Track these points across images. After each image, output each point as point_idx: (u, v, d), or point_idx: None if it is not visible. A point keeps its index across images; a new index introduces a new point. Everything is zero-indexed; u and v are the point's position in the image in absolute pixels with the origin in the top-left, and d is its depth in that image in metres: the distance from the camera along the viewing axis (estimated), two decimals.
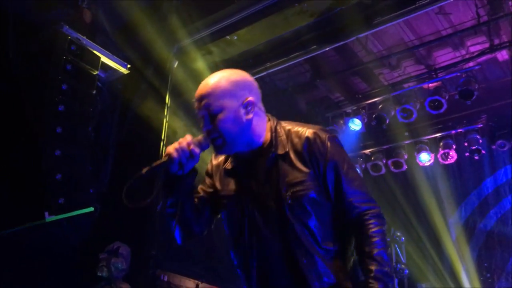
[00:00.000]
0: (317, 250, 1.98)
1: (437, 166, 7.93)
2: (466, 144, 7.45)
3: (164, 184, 2.07)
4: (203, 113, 2.04)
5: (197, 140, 2.02)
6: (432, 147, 7.77)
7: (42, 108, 4.55)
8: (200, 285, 5.60)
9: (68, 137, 4.55)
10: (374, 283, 1.86)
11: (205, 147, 2.04)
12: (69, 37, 4.76)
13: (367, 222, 1.98)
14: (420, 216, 8.13)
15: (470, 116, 7.58)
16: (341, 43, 6.16)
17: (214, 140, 2.05)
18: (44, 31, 4.81)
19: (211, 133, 2.04)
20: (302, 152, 2.05)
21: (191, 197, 2.18)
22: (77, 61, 4.79)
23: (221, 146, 2.06)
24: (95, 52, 5.06)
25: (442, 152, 7.62)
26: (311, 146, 2.04)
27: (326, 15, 5.59)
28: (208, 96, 2.03)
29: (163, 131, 5.96)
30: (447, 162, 7.72)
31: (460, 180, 8.17)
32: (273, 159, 2.07)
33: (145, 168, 1.93)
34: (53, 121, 4.49)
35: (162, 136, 5.93)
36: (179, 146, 1.99)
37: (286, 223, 1.99)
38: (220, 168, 2.25)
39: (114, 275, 4.51)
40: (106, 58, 5.23)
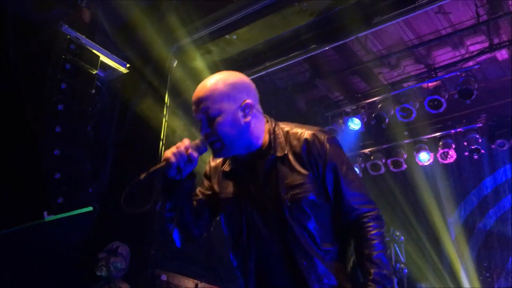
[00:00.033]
0: (317, 252, 1.98)
1: (437, 165, 7.92)
2: (465, 144, 7.46)
3: (162, 188, 2.05)
4: (201, 116, 2.03)
5: (195, 144, 2.00)
6: (432, 146, 7.76)
7: (41, 107, 4.55)
8: (200, 285, 5.60)
9: (67, 136, 4.55)
10: (373, 286, 1.87)
11: (203, 150, 2.02)
12: (68, 37, 4.76)
13: (366, 225, 1.98)
14: (420, 215, 8.13)
15: (470, 116, 7.58)
16: (340, 43, 6.16)
17: (212, 144, 2.03)
18: (43, 30, 4.81)
19: (209, 136, 2.02)
20: (301, 154, 2.04)
21: (190, 201, 2.16)
22: (76, 60, 4.79)
23: (219, 150, 2.05)
24: (94, 51, 5.06)
25: (441, 151, 7.62)
26: (310, 148, 2.03)
27: (326, 14, 5.59)
28: (205, 99, 2.01)
29: (162, 130, 5.95)
30: (446, 162, 7.73)
31: (459, 179, 8.16)
32: (272, 161, 2.06)
33: (143, 173, 1.91)
34: (52, 120, 4.49)
35: (161, 135, 5.92)
36: (177, 150, 1.96)
37: (285, 225, 1.98)
38: (218, 170, 2.23)
39: (113, 275, 4.52)
40: (105, 58, 5.22)
